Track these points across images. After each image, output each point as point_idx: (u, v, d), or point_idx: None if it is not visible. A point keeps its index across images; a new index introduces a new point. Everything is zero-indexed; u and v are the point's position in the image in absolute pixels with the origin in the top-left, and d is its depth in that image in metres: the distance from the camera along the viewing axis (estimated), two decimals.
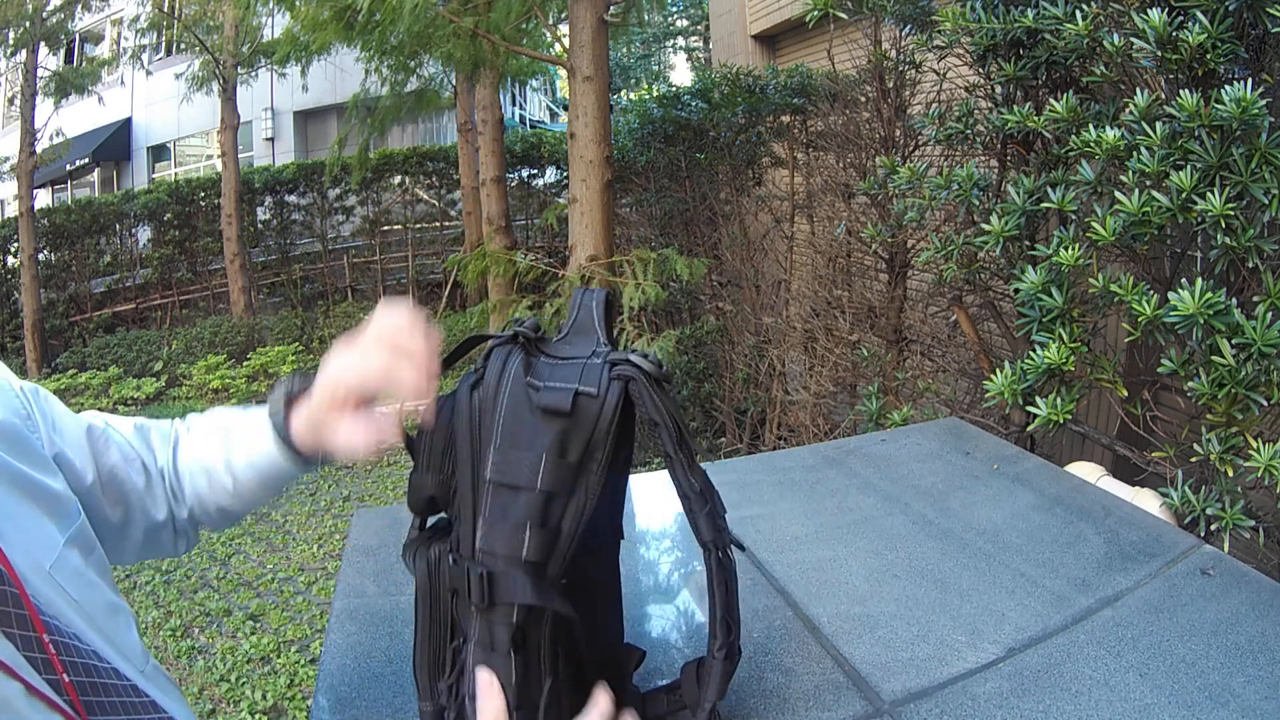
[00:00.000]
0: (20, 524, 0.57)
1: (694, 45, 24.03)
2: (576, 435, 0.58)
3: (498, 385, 0.60)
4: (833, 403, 4.07)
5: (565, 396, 0.58)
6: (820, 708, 0.79)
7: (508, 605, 0.58)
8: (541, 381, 0.59)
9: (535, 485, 0.58)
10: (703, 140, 5.84)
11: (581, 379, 0.59)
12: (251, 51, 9.37)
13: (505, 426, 0.59)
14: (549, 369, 0.61)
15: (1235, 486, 1.40)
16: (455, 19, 4.49)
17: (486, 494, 0.59)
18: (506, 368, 0.61)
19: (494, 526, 0.58)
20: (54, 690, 0.53)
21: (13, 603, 0.52)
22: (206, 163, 14.40)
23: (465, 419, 0.61)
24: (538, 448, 0.58)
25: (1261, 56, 1.51)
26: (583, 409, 0.58)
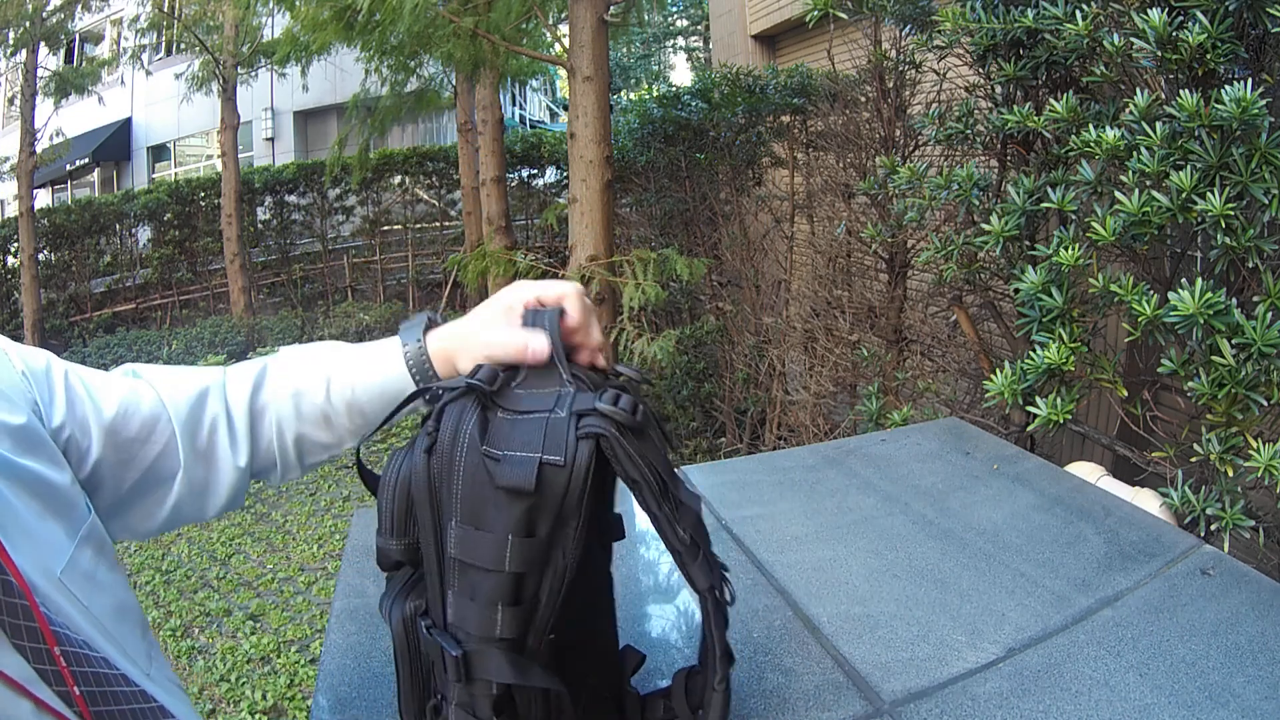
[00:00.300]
0: (31, 530, 0.56)
1: (694, 45, 24.03)
2: (544, 511, 0.53)
3: (452, 453, 0.54)
4: (833, 403, 4.07)
5: (528, 472, 0.52)
6: (820, 708, 0.79)
7: (485, 683, 0.56)
8: (500, 450, 0.53)
9: (503, 568, 0.53)
10: (703, 140, 5.84)
11: (545, 444, 0.53)
12: (251, 51, 9.38)
13: (464, 505, 0.54)
14: (508, 428, 0.55)
15: (1235, 486, 1.40)
16: (455, 19, 4.49)
17: (453, 570, 0.55)
18: (460, 430, 0.54)
19: (464, 605, 0.55)
20: (64, 703, 0.52)
21: (23, 615, 0.51)
22: (206, 163, 14.41)
23: (423, 486, 0.55)
24: (500, 530, 0.53)
25: (1261, 56, 1.51)
26: (548, 482, 0.52)
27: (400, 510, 0.57)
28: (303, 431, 0.72)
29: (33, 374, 0.63)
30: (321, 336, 8.91)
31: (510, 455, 0.53)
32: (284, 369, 0.73)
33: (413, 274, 10.54)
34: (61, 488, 0.60)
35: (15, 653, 0.51)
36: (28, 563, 0.54)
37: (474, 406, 0.56)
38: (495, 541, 0.53)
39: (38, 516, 0.58)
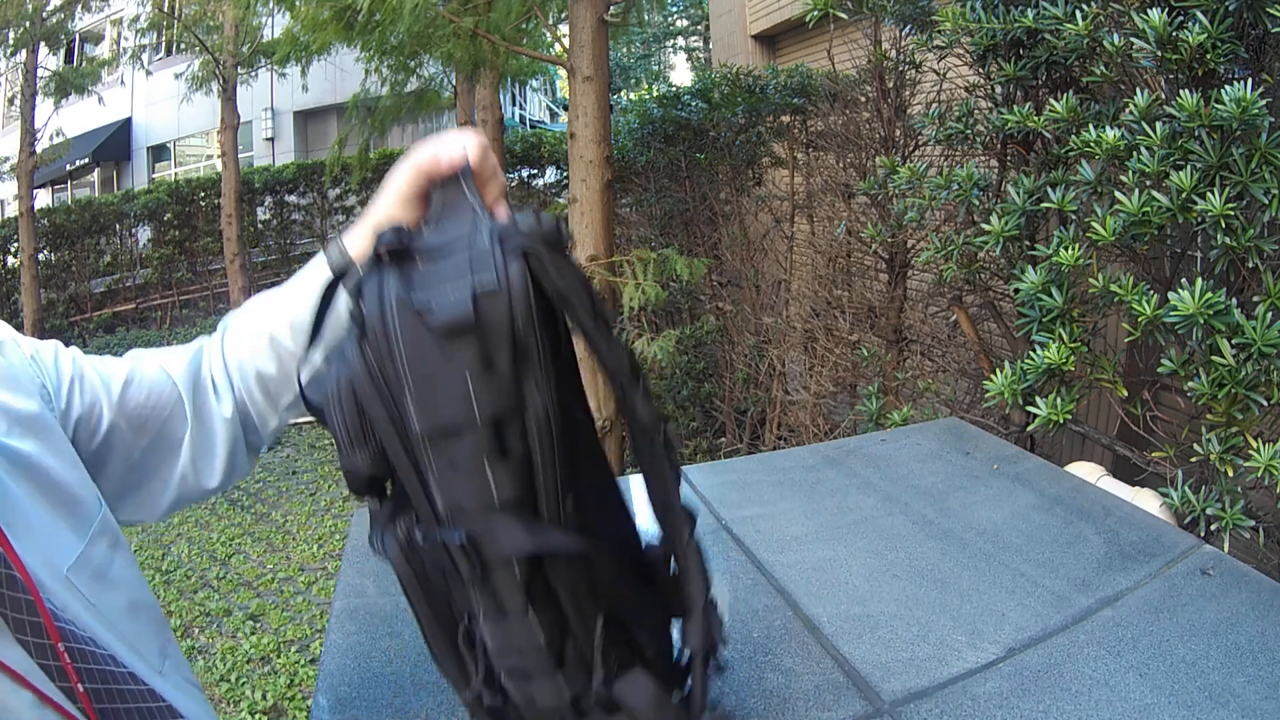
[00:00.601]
0: (39, 525, 0.56)
1: (694, 45, 24.03)
2: (496, 342, 0.48)
3: (384, 327, 0.48)
4: (833, 403, 4.07)
5: (462, 303, 0.47)
6: (820, 708, 0.79)
7: (504, 564, 0.50)
8: (430, 296, 0.48)
9: (474, 418, 0.48)
10: (703, 140, 5.84)
11: (474, 271, 0.48)
12: (251, 51, 9.38)
13: (414, 371, 0.48)
14: (432, 274, 0.50)
15: (1235, 486, 1.40)
16: (455, 19, 4.49)
17: (425, 449, 0.49)
18: (385, 299, 0.49)
19: (450, 481, 0.49)
20: (68, 699, 0.52)
21: (27, 609, 0.51)
22: (206, 163, 14.41)
23: (365, 379, 0.50)
24: (456, 376, 0.47)
25: (1261, 56, 1.51)
26: (488, 311, 0.47)
27: (352, 415, 0.51)
28: (260, 368, 0.71)
29: (40, 358, 0.63)
30: None
31: (438, 297, 0.48)
32: (241, 314, 0.74)
33: None
34: (71, 482, 0.60)
35: (18, 646, 0.51)
36: (33, 558, 0.54)
37: (390, 271, 0.50)
38: (456, 392, 0.48)
39: (46, 512, 0.57)
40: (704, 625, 0.60)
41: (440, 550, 0.50)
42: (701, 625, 0.59)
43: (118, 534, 0.64)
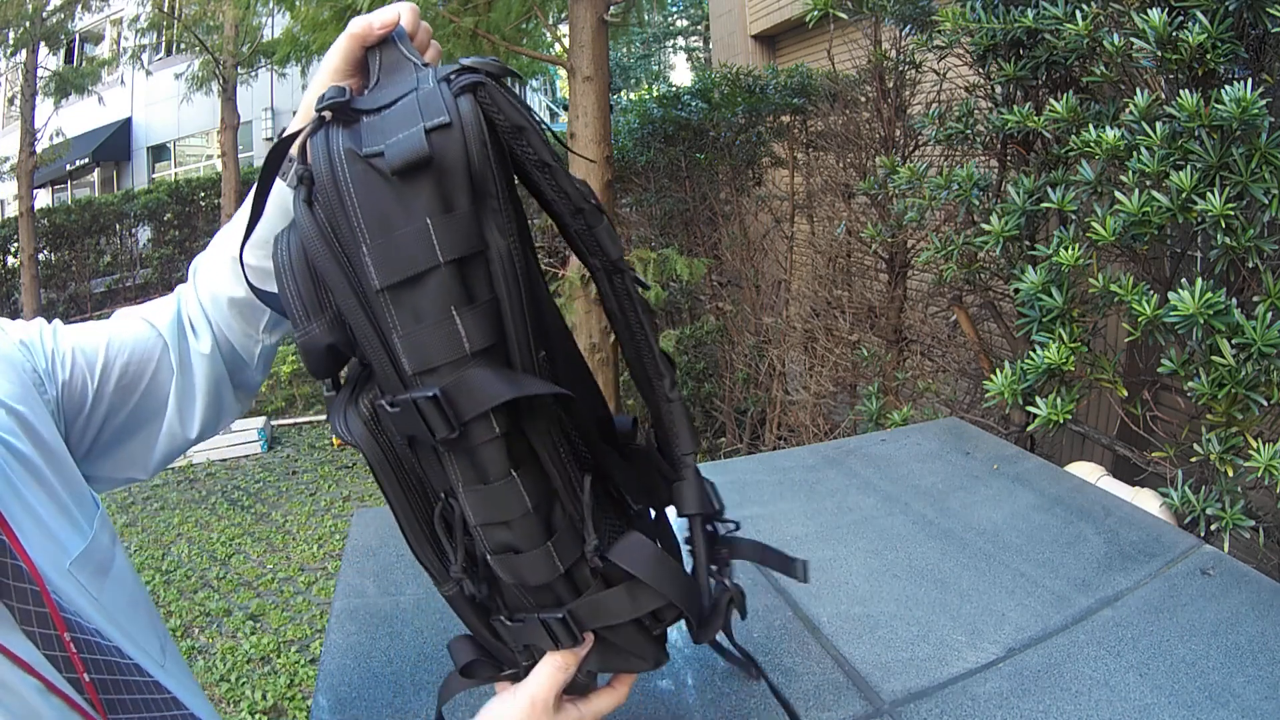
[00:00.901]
0: (42, 521, 0.57)
1: (694, 45, 24.02)
2: (454, 181, 0.45)
3: (333, 179, 0.45)
4: (833, 403, 4.07)
5: (415, 141, 0.44)
6: (820, 708, 0.79)
7: (482, 419, 0.46)
8: (379, 144, 0.45)
9: (436, 259, 0.45)
10: (703, 140, 5.83)
11: (423, 114, 0.45)
12: (251, 51, 9.38)
13: (368, 220, 0.45)
14: (379, 124, 0.47)
15: (1235, 486, 1.40)
16: (455, 19, 4.49)
17: (386, 305, 0.45)
18: (332, 152, 0.46)
19: (414, 336, 0.46)
20: (74, 689, 0.53)
21: (33, 600, 0.52)
22: (206, 163, 14.40)
23: (318, 238, 0.47)
24: (417, 218, 0.44)
25: (1261, 56, 1.51)
26: (443, 148, 0.45)
27: (305, 281, 0.48)
28: (229, 293, 0.69)
29: (29, 342, 0.63)
30: None
31: (391, 141, 0.45)
32: (205, 253, 0.72)
33: None
34: (70, 480, 0.61)
35: (24, 636, 0.51)
36: (38, 553, 0.54)
37: (336, 126, 0.47)
38: (415, 233, 0.44)
39: (48, 509, 0.58)
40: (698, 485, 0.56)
41: (412, 413, 0.46)
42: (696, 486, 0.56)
43: (114, 532, 0.65)
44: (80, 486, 0.63)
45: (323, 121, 0.47)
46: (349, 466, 6.30)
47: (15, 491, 0.56)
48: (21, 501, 0.56)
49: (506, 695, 0.58)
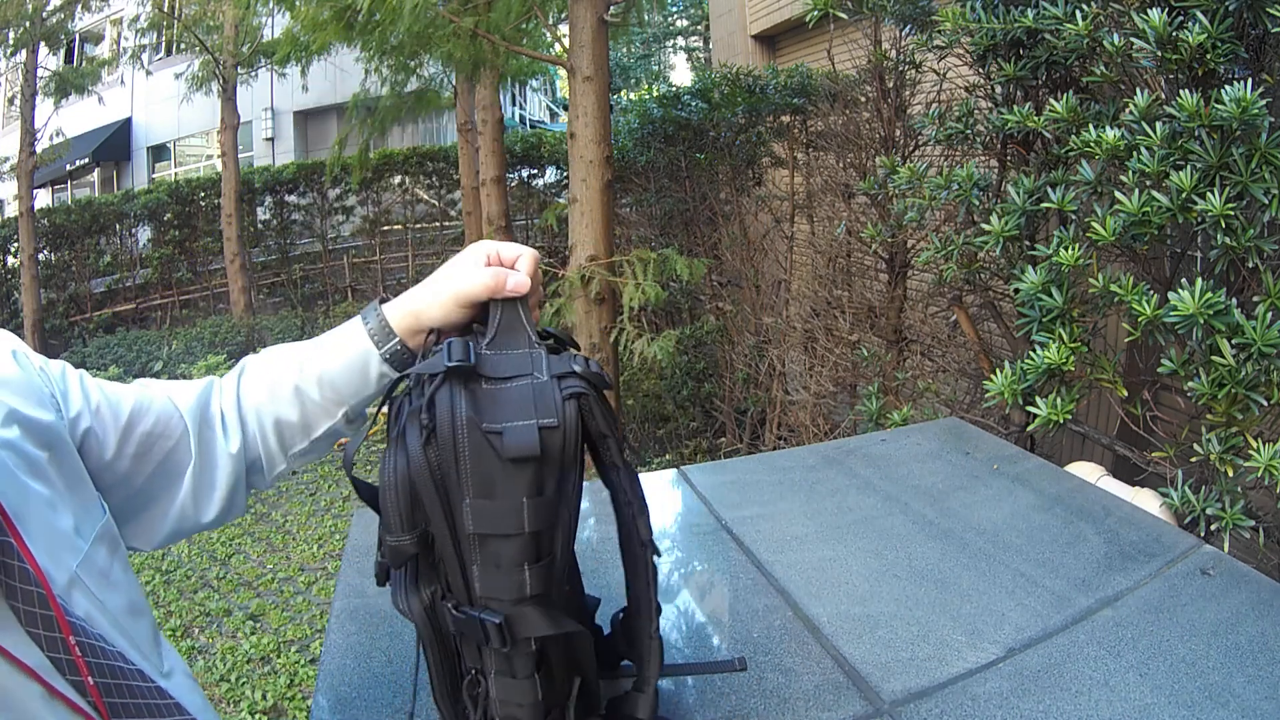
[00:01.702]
0: (49, 524, 0.57)
1: (694, 45, 24.02)
2: (548, 470, 0.58)
3: (453, 438, 0.56)
4: (833, 403, 4.07)
5: (530, 438, 0.56)
6: (820, 708, 0.79)
7: (525, 641, 0.60)
8: (498, 422, 0.57)
9: (522, 530, 0.57)
10: (703, 140, 5.84)
11: (537, 410, 0.57)
12: (251, 51, 9.37)
13: (475, 480, 0.57)
14: (497, 397, 0.58)
15: (1235, 486, 1.40)
16: (455, 19, 4.49)
17: (474, 546, 0.58)
18: (455, 413, 0.57)
19: (490, 575, 0.58)
20: (77, 692, 0.53)
21: (39, 603, 0.52)
22: (206, 163, 14.40)
23: (426, 476, 0.57)
24: (514, 496, 0.57)
25: (1261, 56, 1.51)
26: (548, 443, 0.57)
27: (406, 505, 0.58)
28: (280, 414, 0.73)
29: (49, 371, 0.64)
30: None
31: (510, 426, 0.57)
32: (262, 360, 0.75)
33: (413, 274, 10.53)
34: (78, 487, 0.62)
35: (28, 639, 0.51)
36: (44, 556, 0.54)
37: (459, 386, 0.58)
38: (511, 508, 0.57)
39: (55, 513, 0.58)
40: (654, 701, 0.70)
41: (476, 627, 0.59)
42: (652, 701, 0.70)
43: (117, 538, 0.65)
44: (89, 494, 0.63)
45: (450, 373, 0.58)
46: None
47: (23, 494, 0.56)
48: (29, 504, 0.56)
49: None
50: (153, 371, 8.56)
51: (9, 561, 0.51)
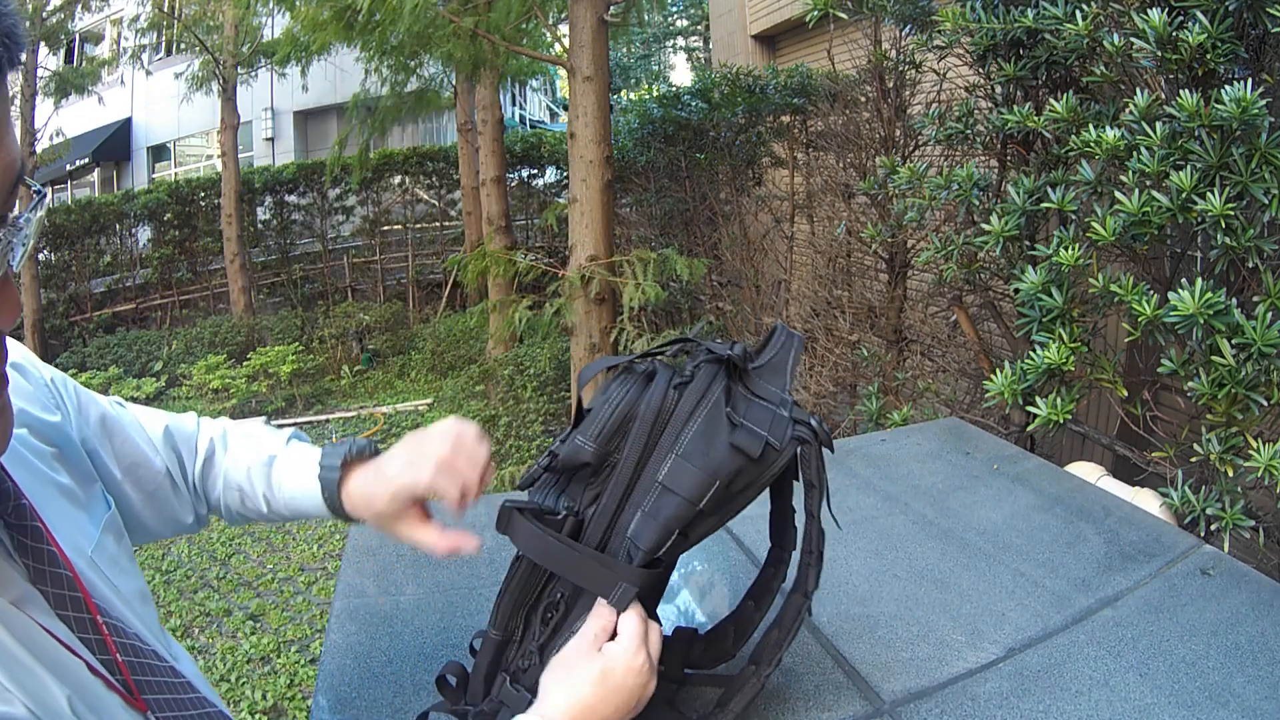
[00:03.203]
0: (61, 512, 0.59)
1: (694, 45, 24.02)
2: (747, 474, 0.64)
3: (700, 399, 0.65)
4: (833, 403, 4.07)
5: (757, 443, 0.63)
6: (820, 708, 0.79)
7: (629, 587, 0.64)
8: (740, 417, 0.65)
9: (698, 502, 0.62)
10: (703, 140, 5.84)
11: (770, 429, 0.65)
12: (251, 51, 9.37)
13: (694, 439, 0.63)
14: (745, 404, 0.67)
15: (1235, 486, 1.40)
16: (455, 19, 4.49)
17: (653, 492, 0.63)
18: (713, 386, 0.65)
19: (645, 522, 0.63)
20: (108, 671, 0.53)
21: (67, 585, 0.53)
22: (206, 163, 14.39)
23: (653, 411, 0.64)
24: (714, 473, 0.62)
25: (1261, 56, 1.51)
26: (764, 456, 0.64)
27: (613, 424, 0.65)
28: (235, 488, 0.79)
29: (58, 384, 0.68)
30: (321, 336, 8.91)
31: (747, 425, 0.64)
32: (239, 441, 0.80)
33: (413, 274, 10.54)
34: (85, 479, 0.65)
35: (59, 621, 0.52)
36: (64, 541, 0.55)
37: (723, 375, 0.67)
38: (704, 479, 0.62)
39: (67, 501, 0.61)
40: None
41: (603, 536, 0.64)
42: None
43: (122, 530, 0.67)
44: (95, 488, 0.65)
45: (725, 361, 0.67)
46: None
47: (40, 483, 0.58)
48: (46, 492, 0.58)
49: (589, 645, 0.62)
50: (153, 371, 8.56)
51: (38, 546, 0.52)
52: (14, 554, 0.51)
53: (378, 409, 7.65)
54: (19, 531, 0.52)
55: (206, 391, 7.68)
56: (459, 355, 8.35)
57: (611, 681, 0.60)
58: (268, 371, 7.83)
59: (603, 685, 0.60)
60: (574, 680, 0.60)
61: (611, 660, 0.60)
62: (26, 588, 0.51)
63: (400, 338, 9.12)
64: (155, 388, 8.09)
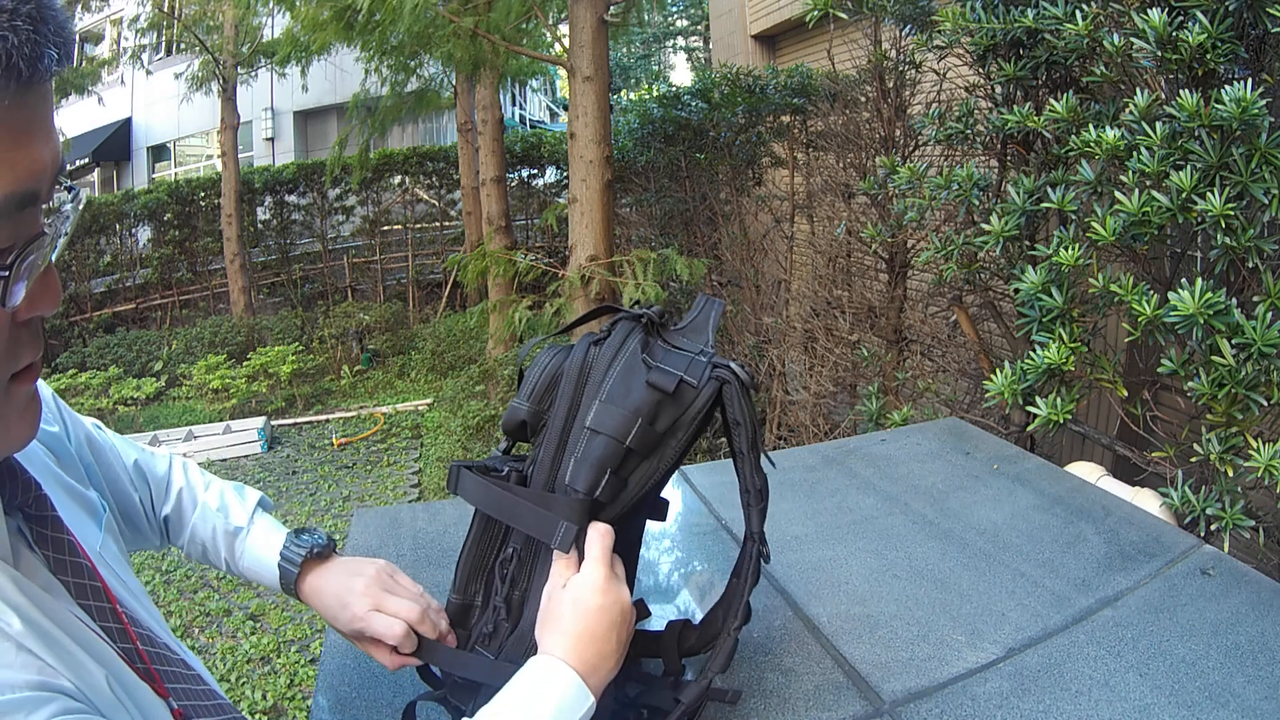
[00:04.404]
0: (68, 510, 0.59)
1: (694, 45, 24.02)
2: (669, 411, 0.68)
3: (618, 351, 0.70)
4: (833, 403, 4.07)
5: (671, 380, 0.68)
6: (820, 708, 0.79)
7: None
8: (655, 362, 0.69)
9: (624, 439, 0.66)
10: (703, 140, 5.83)
11: (687, 370, 0.69)
12: (251, 51, 9.37)
13: (615, 385, 0.68)
14: (662, 353, 0.71)
15: (1235, 486, 1.40)
16: (455, 19, 4.49)
17: (583, 438, 0.67)
18: (629, 340, 0.71)
19: (579, 467, 0.67)
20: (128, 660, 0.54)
21: (86, 575, 0.53)
22: (206, 163, 14.38)
23: (576, 367, 0.69)
24: (635, 410, 0.67)
25: (1261, 56, 1.51)
26: (681, 393, 0.68)
27: (544, 385, 0.70)
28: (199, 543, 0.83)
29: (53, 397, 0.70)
30: (321, 336, 8.91)
31: (662, 367, 0.69)
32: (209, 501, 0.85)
33: (413, 274, 10.54)
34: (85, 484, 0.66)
35: (81, 611, 0.52)
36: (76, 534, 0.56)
37: (639, 330, 0.72)
38: (627, 418, 0.67)
39: (74, 500, 0.62)
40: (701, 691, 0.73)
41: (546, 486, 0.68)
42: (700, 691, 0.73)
43: (117, 533, 0.68)
44: (92, 493, 0.67)
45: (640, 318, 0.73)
46: (349, 467, 6.30)
47: (49, 479, 0.59)
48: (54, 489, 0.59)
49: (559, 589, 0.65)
50: (153, 371, 8.56)
51: (59, 536, 0.53)
52: (34, 545, 0.52)
53: (378, 409, 7.65)
54: (38, 523, 0.52)
55: (206, 391, 7.68)
56: (459, 355, 8.35)
57: (587, 605, 0.63)
58: (268, 371, 7.83)
59: (580, 613, 0.62)
60: (555, 621, 0.63)
61: (578, 590, 0.63)
62: (49, 577, 0.52)
63: (400, 338, 9.12)
64: (155, 388, 8.09)
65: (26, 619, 0.46)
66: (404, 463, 6.38)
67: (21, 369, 0.47)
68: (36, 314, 0.46)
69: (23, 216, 0.43)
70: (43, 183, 0.43)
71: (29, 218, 0.44)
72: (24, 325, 0.46)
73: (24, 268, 0.43)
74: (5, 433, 0.48)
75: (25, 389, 0.48)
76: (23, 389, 0.48)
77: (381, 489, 5.90)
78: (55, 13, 0.41)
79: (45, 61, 0.40)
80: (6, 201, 0.41)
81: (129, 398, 7.68)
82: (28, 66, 0.39)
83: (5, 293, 0.43)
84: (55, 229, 0.46)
